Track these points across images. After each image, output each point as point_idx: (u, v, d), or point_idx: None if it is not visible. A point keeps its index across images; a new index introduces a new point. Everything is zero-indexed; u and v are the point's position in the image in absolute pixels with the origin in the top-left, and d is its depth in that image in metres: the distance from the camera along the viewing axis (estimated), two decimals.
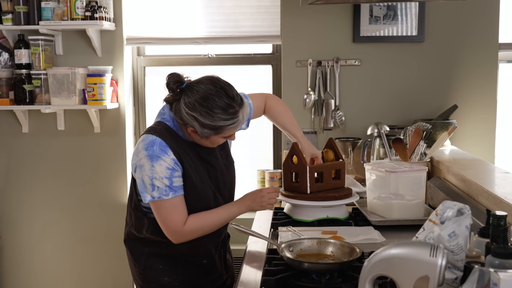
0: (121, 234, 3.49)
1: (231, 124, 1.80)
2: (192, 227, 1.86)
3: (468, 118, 3.21)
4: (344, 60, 3.25)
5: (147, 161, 1.80)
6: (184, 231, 1.85)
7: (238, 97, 1.83)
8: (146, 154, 1.81)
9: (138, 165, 1.83)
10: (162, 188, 1.80)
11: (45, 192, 3.50)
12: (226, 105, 1.78)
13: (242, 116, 1.84)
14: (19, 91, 3.27)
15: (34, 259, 3.55)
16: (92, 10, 3.16)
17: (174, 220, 1.83)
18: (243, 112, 1.84)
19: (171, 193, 1.81)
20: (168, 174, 1.80)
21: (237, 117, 1.81)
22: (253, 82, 3.52)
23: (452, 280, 1.26)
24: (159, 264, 1.96)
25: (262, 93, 2.28)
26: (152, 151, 1.80)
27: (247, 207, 1.95)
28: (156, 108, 2.03)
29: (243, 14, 3.37)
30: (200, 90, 1.79)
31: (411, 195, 2.13)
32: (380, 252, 1.22)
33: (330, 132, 3.26)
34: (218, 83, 1.82)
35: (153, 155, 1.80)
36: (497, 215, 1.30)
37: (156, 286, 1.98)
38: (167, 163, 1.80)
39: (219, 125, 1.78)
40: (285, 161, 2.20)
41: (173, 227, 1.84)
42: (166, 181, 1.80)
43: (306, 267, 1.57)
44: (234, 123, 1.81)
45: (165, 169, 1.80)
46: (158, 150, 1.80)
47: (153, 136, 1.84)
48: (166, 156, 1.81)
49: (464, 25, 3.20)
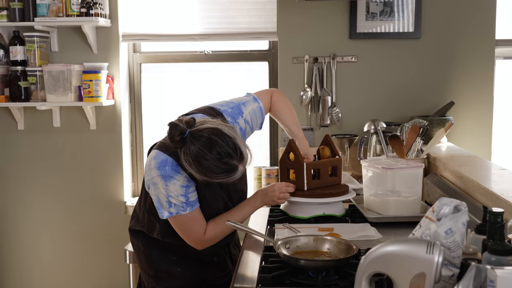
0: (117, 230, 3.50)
1: (229, 178, 1.77)
2: (212, 234, 1.91)
3: (465, 115, 3.21)
4: (340, 56, 3.24)
5: (161, 180, 1.81)
6: (205, 239, 1.91)
7: (238, 152, 1.74)
8: (159, 173, 1.81)
9: (151, 182, 1.84)
10: (179, 204, 1.83)
11: (40, 189, 3.49)
12: (222, 170, 1.73)
13: (243, 167, 1.79)
14: (14, 88, 3.26)
15: (30, 257, 3.54)
16: (87, 7, 3.14)
17: (195, 231, 1.89)
18: (243, 165, 1.79)
19: (188, 208, 1.85)
20: (183, 192, 1.82)
21: (236, 172, 1.76)
22: (249, 79, 3.52)
23: (448, 277, 1.26)
24: (172, 255, 2.00)
25: (268, 90, 2.27)
26: (164, 171, 1.80)
27: (261, 202, 2.02)
28: (152, 105, 2.03)
29: (239, 11, 3.36)
30: (199, 145, 1.72)
31: (407, 192, 2.12)
32: (376, 249, 1.22)
33: (326, 129, 3.26)
34: (220, 139, 1.73)
35: (166, 175, 1.80)
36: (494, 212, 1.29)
37: (167, 276, 2.01)
38: (181, 182, 1.82)
39: (220, 170, 1.74)
40: (282, 158, 2.19)
41: (195, 238, 1.90)
42: (182, 198, 1.83)
43: (302, 264, 1.57)
44: (232, 177, 1.77)
45: (180, 187, 1.82)
46: (171, 170, 1.80)
47: (164, 155, 1.82)
48: (179, 175, 1.81)
49: (460, 22, 3.19)
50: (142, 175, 3.55)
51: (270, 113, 2.26)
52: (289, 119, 2.23)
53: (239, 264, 1.74)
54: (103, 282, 3.53)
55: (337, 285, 1.52)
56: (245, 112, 2.07)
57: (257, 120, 2.14)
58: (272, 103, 2.22)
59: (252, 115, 2.10)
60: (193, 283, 2.00)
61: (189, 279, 2.00)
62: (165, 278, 2.02)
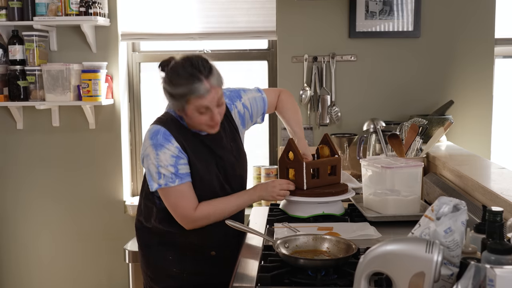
0: (116, 230, 3.50)
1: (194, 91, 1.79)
2: (202, 213, 1.90)
3: (464, 114, 3.21)
4: (340, 55, 3.24)
5: (152, 150, 1.86)
6: (194, 217, 1.90)
7: (205, 68, 1.81)
8: (151, 143, 1.87)
9: (144, 155, 1.90)
10: (168, 175, 1.86)
11: (40, 188, 3.49)
12: (187, 74, 1.80)
13: (209, 86, 1.81)
14: (13, 87, 3.25)
15: (29, 256, 3.54)
16: (86, 6, 3.14)
17: (184, 206, 1.89)
18: (209, 83, 1.81)
19: (177, 180, 1.87)
20: (173, 162, 1.86)
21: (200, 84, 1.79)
22: (249, 78, 3.52)
23: (448, 276, 1.25)
24: (168, 255, 2.00)
25: (277, 89, 2.32)
26: (156, 140, 1.87)
27: (258, 196, 2.02)
28: (151, 104, 2.04)
29: (239, 10, 3.35)
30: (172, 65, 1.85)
31: (407, 191, 2.12)
32: (376, 248, 1.22)
33: (326, 128, 3.25)
34: (190, 57, 1.85)
35: (157, 144, 1.86)
36: (493, 211, 1.29)
37: (165, 277, 2.01)
38: (171, 151, 1.86)
39: (180, 92, 1.81)
40: (281, 157, 2.19)
41: (184, 213, 1.90)
42: (172, 169, 1.86)
43: (301, 263, 1.57)
44: (196, 91, 1.79)
45: (170, 157, 1.86)
46: (162, 139, 1.86)
47: (158, 126, 1.90)
48: (169, 144, 1.87)
49: (460, 21, 3.19)
50: (142, 174, 3.55)
51: (276, 111, 2.28)
52: (291, 117, 2.25)
53: (238, 263, 1.74)
54: (102, 282, 3.53)
55: (336, 284, 1.52)
56: (244, 98, 2.13)
57: (258, 109, 2.17)
58: (279, 100, 2.25)
59: (252, 102, 2.15)
60: (190, 283, 2.00)
61: (186, 279, 2.00)
62: (162, 278, 2.02)
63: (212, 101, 1.83)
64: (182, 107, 1.85)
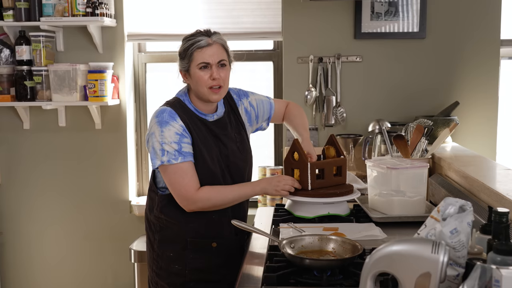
0: (122, 230, 3.51)
1: (196, 43, 1.95)
2: (204, 195, 1.92)
3: (470, 115, 3.21)
4: (345, 56, 3.24)
5: (157, 127, 1.92)
6: (195, 198, 1.92)
7: (211, 30, 2.01)
8: (156, 121, 1.94)
9: (149, 133, 1.95)
10: (171, 152, 1.90)
11: (46, 188, 3.50)
12: (194, 33, 2.00)
13: (211, 41, 1.97)
14: (20, 88, 3.27)
15: (34, 255, 3.56)
16: (93, 7, 3.15)
17: (185, 185, 1.91)
18: (212, 39, 1.97)
19: (180, 157, 1.90)
20: (177, 139, 1.90)
21: (201, 36, 1.96)
22: (254, 79, 3.52)
23: (454, 277, 1.26)
24: (169, 252, 2.02)
25: (286, 100, 2.39)
26: (161, 117, 1.93)
27: (262, 189, 2.03)
28: (157, 105, 2.06)
29: (244, 10, 3.36)
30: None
31: (412, 192, 2.12)
32: (381, 249, 1.22)
33: (331, 129, 3.26)
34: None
35: (162, 121, 1.92)
36: (499, 212, 1.29)
37: (168, 274, 2.03)
38: (176, 129, 1.91)
39: (185, 46, 1.97)
40: (286, 158, 2.20)
41: (185, 192, 1.92)
42: (175, 146, 1.90)
43: (307, 263, 1.57)
44: (198, 42, 1.95)
45: (174, 134, 1.91)
46: (168, 116, 1.93)
47: (164, 107, 1.99)
48: (174, 122, 1.92)
49: (465, 22, 3.19)
50: (147, 174, 3.56)
51: (284, 121, 2.32)
52: (298, 122, 2.28)
53: (243, 263, 1.75)
54: (108, 281, 3.54)
55: (342, 284, 1.52)
56: (251, 97, 2.21)
57: (265, 111, 2.23)
58: (287, 110, 2.31)
59: (259, 103, 2.22)
60: (192, 279, 2.01)
61: (188, 275, 2.01)
62: (165, 275, 2.03)
63: (213, 56, 1.96)
64: (187, 66, 1.97)
